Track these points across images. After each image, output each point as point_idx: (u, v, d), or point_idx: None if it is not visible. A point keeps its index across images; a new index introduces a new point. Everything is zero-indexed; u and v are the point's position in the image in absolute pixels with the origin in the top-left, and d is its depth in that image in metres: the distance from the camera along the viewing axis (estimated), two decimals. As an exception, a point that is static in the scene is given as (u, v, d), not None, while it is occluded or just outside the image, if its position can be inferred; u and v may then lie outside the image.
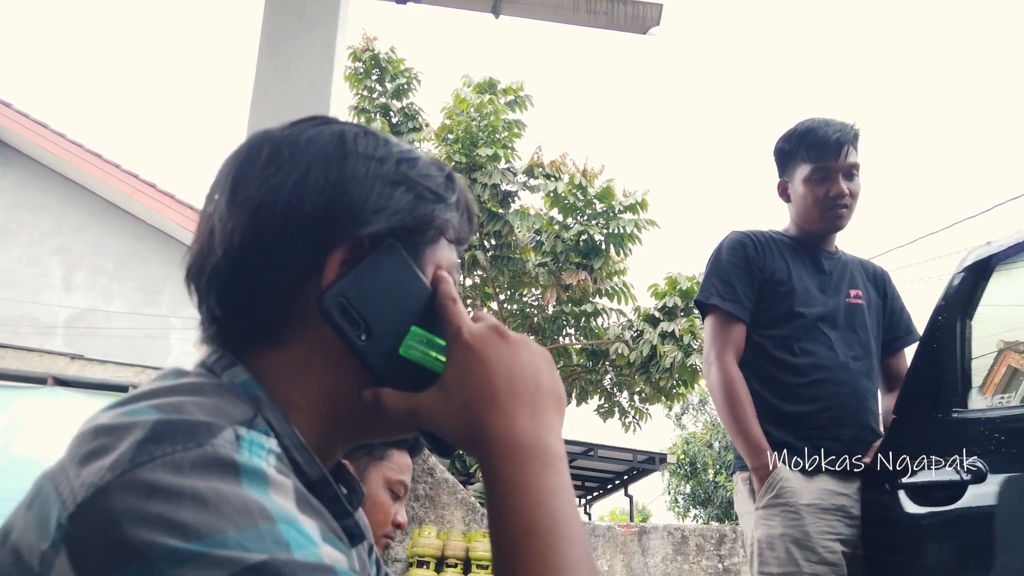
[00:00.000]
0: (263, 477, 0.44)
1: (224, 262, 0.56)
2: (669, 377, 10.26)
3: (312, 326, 0.56)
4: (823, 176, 1.85)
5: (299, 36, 1.88)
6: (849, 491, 1.73)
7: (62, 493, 0.43)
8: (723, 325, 1.83)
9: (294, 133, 0.60)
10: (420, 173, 0.61)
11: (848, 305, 1.87)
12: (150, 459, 0.42)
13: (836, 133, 1.84)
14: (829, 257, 1.93)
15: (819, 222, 1.89)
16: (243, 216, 0.56)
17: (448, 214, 0.61)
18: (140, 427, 0.44)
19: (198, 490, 0.41)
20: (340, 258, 0.56)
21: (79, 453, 0.45)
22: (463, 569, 7.42)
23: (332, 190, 0.56)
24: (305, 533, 0.43)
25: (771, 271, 1.85)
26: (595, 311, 10.87)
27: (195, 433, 0.44)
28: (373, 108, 11.19)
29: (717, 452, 22.99)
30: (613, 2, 3.20)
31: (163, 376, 0.55)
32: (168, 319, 8.70)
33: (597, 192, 10.31)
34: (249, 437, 0.47)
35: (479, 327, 0.57)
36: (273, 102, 1.85)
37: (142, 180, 8.84)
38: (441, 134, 10.75)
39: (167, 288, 8.84)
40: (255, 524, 0.41)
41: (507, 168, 10.54)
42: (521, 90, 10.77)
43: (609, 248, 10.37)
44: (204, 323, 0.59)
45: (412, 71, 11.32)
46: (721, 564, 10.26)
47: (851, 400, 1.78)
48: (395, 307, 0.57)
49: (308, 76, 1.84)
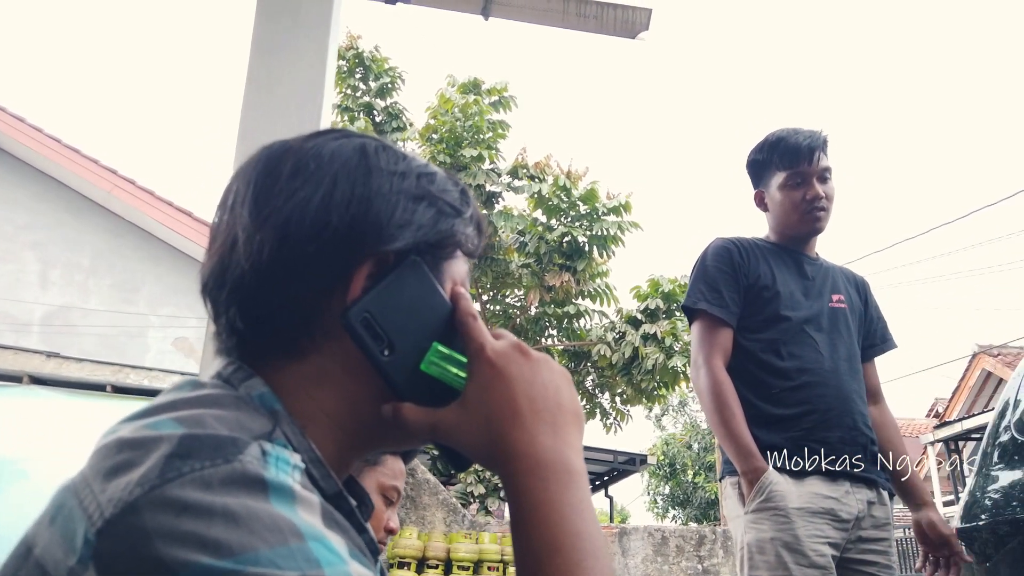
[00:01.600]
0: (291, 494, 0.44)
1: (250, 275, 0.55)
2: (651, 379, 10.32)
3: (334, 340, 0.56)
4: (798, 181, 1.89)
5: (292, 37, 1.85)
6: (838, 494, 1.73)
7: (87, 508, 0.42)
8: (710, 330, 1.84)
9: (317, 146, 0.59)
10: (439, 188, 0.61)
11: (832, 309, 1.89)
12: (179, 475, 0.42)
13: (807, 139, 1.89)
14: (812, 263, 1.96)
15: (799, 225, 1.92)
16: (271, 229, 0.55)
17: (465, 228, 0.62)
18: (166, 441, 0.44)
19: (229, 507, 0.41)
20: (365, 273, 0.56)
21: (103, 467, 0.44)
22: (444, 570, 7.40)
23: (359, 205, 0.56)
24: (334, 550, 0.43)
25: (756, 276, 1.87)
26: (578, 312, 10.91)
27: (222, 448, 0.44)
28: (356, 107, 11.14)
29: (696, 453, 23.15)
30: (603, 6, 3.21)
31: (179, 388, 0.54)
32: (146, 317, 8.60)
33: (581, 194, 10.34)
34: (275, 453, 0.47)
35: (501, 345, 0.57)
36: (265, 104, 1.82)
37: (120, 176, 8.72)
38: (425, 134, 10.73)
39: (145, 286, 8.73)
40: (286, 541, 0.41)
41: (491, 169, 10.54)
42: (506, 91, 10.78)
43: (592, 250, 10.41)
44: (222, 335, 0.59)
45: (396, 70, 11.28)
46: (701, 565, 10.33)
47: (838, 402, 1.78)
48: (417, 323, 0.58)
49: (301, 78, 1.82)
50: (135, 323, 8.48)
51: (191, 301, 8.72)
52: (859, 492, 1.76)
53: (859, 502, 1.75)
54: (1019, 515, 2.15)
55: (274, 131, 1.87)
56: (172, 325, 8.64)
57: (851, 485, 1.76)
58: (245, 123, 1.79)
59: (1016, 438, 2.34)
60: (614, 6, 3.14)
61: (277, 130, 1.89)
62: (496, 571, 7.62)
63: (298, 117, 1.79)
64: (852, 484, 1.76)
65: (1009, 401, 2.54)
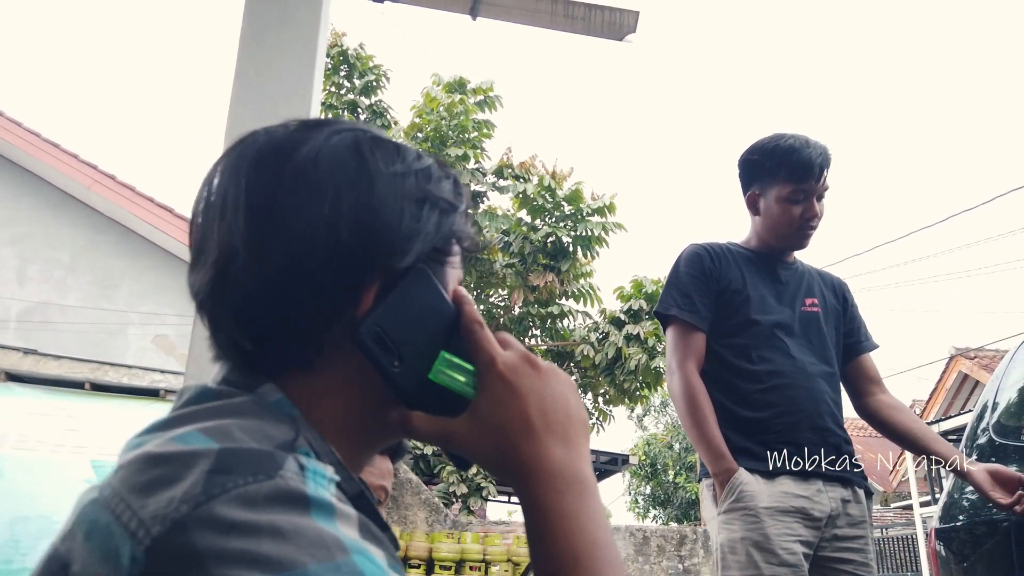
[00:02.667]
0: (331, 509, 0.45)
1: (257, 294, 0.54)
2: (633, 379, 10.36)
3: (342, 352, 0.55)
4: (801, 198, 1.89)
5: (280, 33, 1.84)
6: (809, 493, 1.75)
7: (128, 525, 0.42)
8: (683, 335, 1.87)
9: (311, 149, 0.56)
10: (436, 185, 0.60)
11: (804, 313, 1.92)
12: (223, 491, 0.42)
13: (819, 157, 1.89)
14: (787, 268, 1.98)
15: (788, 240, 1.94)
16: (279, 249, 0.54)
17: (463, 225, 0.62)
18: (204, 457, 0.44)
19: (276, 524, 0.42)
20: (376, 286, 0.56)
21: (137, 482, 0.44)
22: (426, 570, 7.38)
23: (367, 220, 0.55)
24: (377, 563, 0.44)
25: (727, 281, 1.90)
26: (561, 313, 10.92)
27: (262, 464, 0.45)
28: (341, 104, 11.08)
29: (677, 454, 23.27)
30: (590, 8, 3.21)
31: (193, 396, 0.54)
32: (126, 314, 8.50)
33: (566, 194, 10.36)
34: (311, 467, 0.47)
35: (512, 358, 0.58)
36: (254, 100, 1.80)
37: (100, 171, 8.60)
38: (410, 133, 10.70)
39: (125, 282, 8.63)
40: (332, 557, 0.42)
41: (476, 168, 10.53)
42: (491, 90, 10.76)
43: (576, 250, 10.43)
44: (225, 349, 0.57)
45: (381, 68, 11.23)
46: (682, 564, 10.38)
47: (808, 404, 1.81)
48: (424, 331, 0.57)
49: (290, 75, 1.80)
50: (114, 320, 8.38)
51: (171, 298, 8.63)
52: (832, 491, 1.78)
53: (832, 500, 1.77)
54: (996, 516, 2.18)
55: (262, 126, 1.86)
56: (152, 322, 8.55)
57: (823, 484, 1.78)
58: (233, 120, 1.77)
59: (994, 440, 2.38)
60: (602, 8, 3.15)
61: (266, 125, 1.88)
62: (478, 571, 7.62)
63: (287, 113, 1.78)
64: (825, 483, 1.78)
65: (987, 404, 2.58)
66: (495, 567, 7.79)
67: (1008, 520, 2.07)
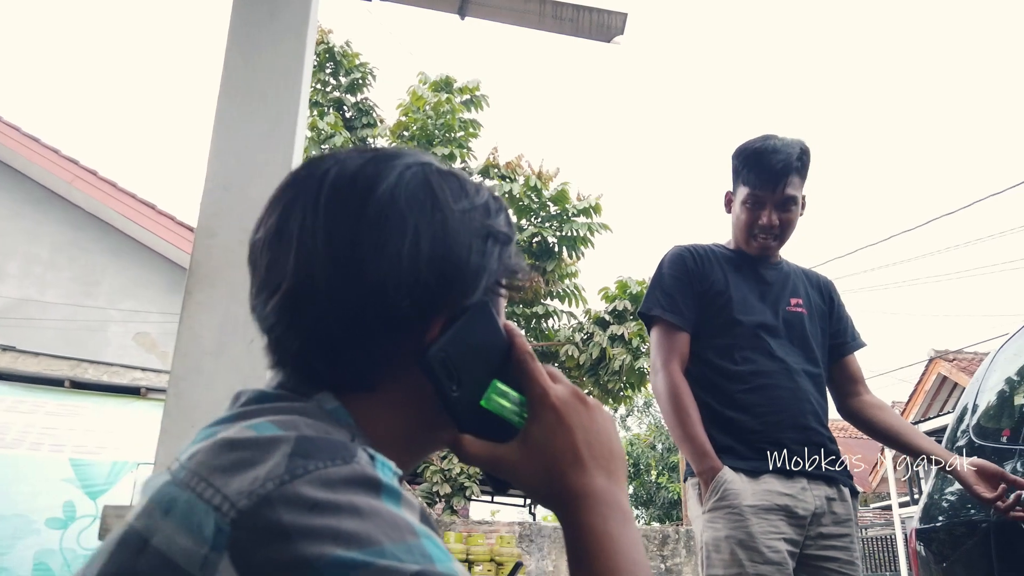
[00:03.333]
0: (398, 495, 0.48)
1: (336, 324, 0.57)
2: (617, 380, 10.40)
3: (403, 374, 0.59)
4: (755, 203, 1.91)
5: (270, 30, 1.82)
6: (794, 491, 1.76)
7: (212, 500, 0.45)
8: (667, 335, 1.89)
9: (389, 185, 0.59)
10: (495, 219, 0.64)
11: (788, 313, 1.92)
12: (305, 471, 0.45)
13: (780, 163, 1.87)
14: (771, 267, 1.98)
15: (745, 245, 1.96)
16: (362, 278, 0.57)
17: (517, 256, 0.66)
18: (284, 442, 0.47)
19: (354, 503, 0.45)
20: (444, 319, 0.60)
21: (218, 463, 0.47)
22: (409, 570, 7.36)
23: (443, 258, 0.58)
24: (442, 548, 0.46)
25: (710, 282, 1.91)
26: (546, 313, 10.94)
27: (339, 450, 0.48)
28: (326, 102, 11.04)
29: (660, 454, 23.38)
30: (579, 9, 3.22)
31: (253, 397, 0.57)
32: (106, 311, 8.41)
33: (551, 195, 10.38)
34: (379, 458, 0.50)
35: (563, 392, 0.62)
36: (242, 96, 1.78)
37: (82, 167, 8.51)
38: (396, 131, 10.67)
39: (106, 279, 8.54)
40: (404, 538, 0.45)
41: (462, 168, 10.50)
42: (478, 89, 10.76)
43: (562, 251, 10.46)
44: (291, 360, 0.59)
45: (367, 66, 11.20)
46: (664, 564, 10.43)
47: (791, 404, 1.82)
48: (481, 360, 0.61)
49: (278, 71, 1.78)
50: (95, 317, 8.30)
51: (153, 295, 8.55)
52: (817, 489, 1.79)
53: (817, 498, 1.77)
54: (974, 517, 2.21)
55: (251, 125, 1.85)
56: (134, 320, 8.46)
57: (808, 482, 1.78)
58: (221, 116, 1.75)
59: (973, 441, 2.41)
60: (590, 10, 3.16)
61: (254, 124, 1.86)
62: (461, 571, 7.60)
63: (276, 110, 1.77)
64: (809, 481, 1.79)
65: (967, 406, 2.62)
66: (478, 567, 7.79)
67: (987, 521, 2.10)
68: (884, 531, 14.96)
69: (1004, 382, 2.49)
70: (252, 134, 1.77)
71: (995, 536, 2.04)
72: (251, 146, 1.75)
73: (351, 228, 0.57)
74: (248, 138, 1.77)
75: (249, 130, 1.77)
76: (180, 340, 1.67)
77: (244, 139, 1.76)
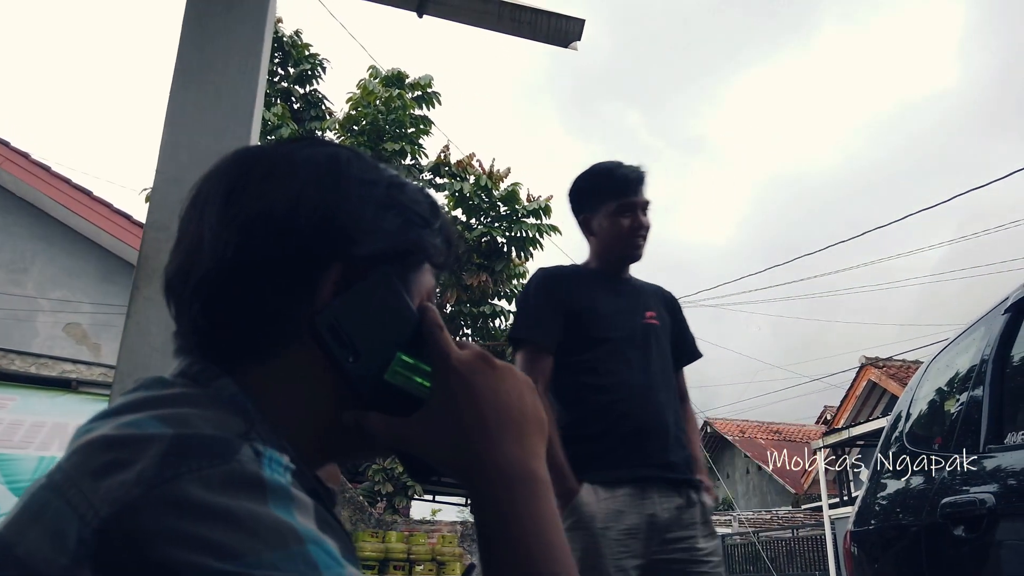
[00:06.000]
0: (288, 496, 0.44)
1: (215, 274, 0.55)
2: (562, 381, 10.45)
3: (299, 344, 0.56)
4: (627, 210, 2.03)
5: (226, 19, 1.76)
6: (646, 503, 1.84)
7: (78, 508, 0.42)
8: (532, 358, 1.95)
9: (289, 151, 0.60)
10: (409, 198, 0.62)
11: (645, 326, 2.03)
12: (177, 474, 0.42)
13: (635, 173, 2.05)
14: (625, 284, 2.10)
15: (623, 251, 2.07)
16: (237, 230, 0.55)
17: (433, 239, 0.63)
18: (159, 441, 0.44)
19: (231, 509, 0.41)
20: (334, 279, 0.56)
21: (90, 466, 0.44)
22: (349, 570, 7.28)
23: (326, 209, 0.57)
24: (332, 553, 0.43)
25: (575, 301, 1.99)
26: (494, 312, 10.94)
27: (218, 449, 0.44)
28: (274, 92, 10.81)
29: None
30: (537, 13, 3.23)
31: (149, 386, 0.54)
32: (35, 300, 8.06)
33: (501, 195, 10.39)
34: (268, 453, 0.46)
35: (467, 355, 0.57)
36: (196, 87, 1.72)
37: (12, 149, 8.13)
38: (346, 124, 10.52)
39: (35, 267, 8.19)
40: (287, 545, 0.41)
41: (413, 164, 10.45)
42: (430, 86, 10.69)
43: (511, 251, 10.48)
44: (184, 334, 0.58)
45: (318, 57, 11.01)
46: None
47: (653, 415, 1.91)
48: (383, 332, 0.58)
49: (234, 61, 1.73)
50: (22, 306, 7.94)
51: (85, 285, 8.23)
52: (668, 501, 1.87)
53: (667, 511, 1.86)
54: (904, 520, 2.31)
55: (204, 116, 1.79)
56: (64, 310, 8.13)
57: (659, 493, 1.87)
58: (173, 108, 1.69)
59: (906, 446, 2.51)
60: (548, 14, 3.17)
61: (208, 115, 1.81)
62: (402, 570, 7.55)
63: (231, 103, 1.72)
64: (660, 492, 1.87)
65: (901, 413, 2.72)
66: (419, 566, 7.75)
67: (917, 524, 2.19)
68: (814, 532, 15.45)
69: (935, 392, 2.60)
70: (206, 127, 1.71)
71: (924, 539, 2.13)
72: (205, 139, 1.69)
73: (241, 184, 0.57)
74: (202, 131, 1.70)
75: (203, 123, 1.71)
76: (127, 336, 1.61)
77: (197, 132, 1.70)
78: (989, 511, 1.82)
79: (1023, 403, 2.05)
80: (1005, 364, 2.13)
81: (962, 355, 2.44)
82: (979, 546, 1.86)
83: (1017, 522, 1.77)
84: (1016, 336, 2.13)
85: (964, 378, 2.33)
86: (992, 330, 2.23)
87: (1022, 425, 1.97)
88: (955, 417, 2.28)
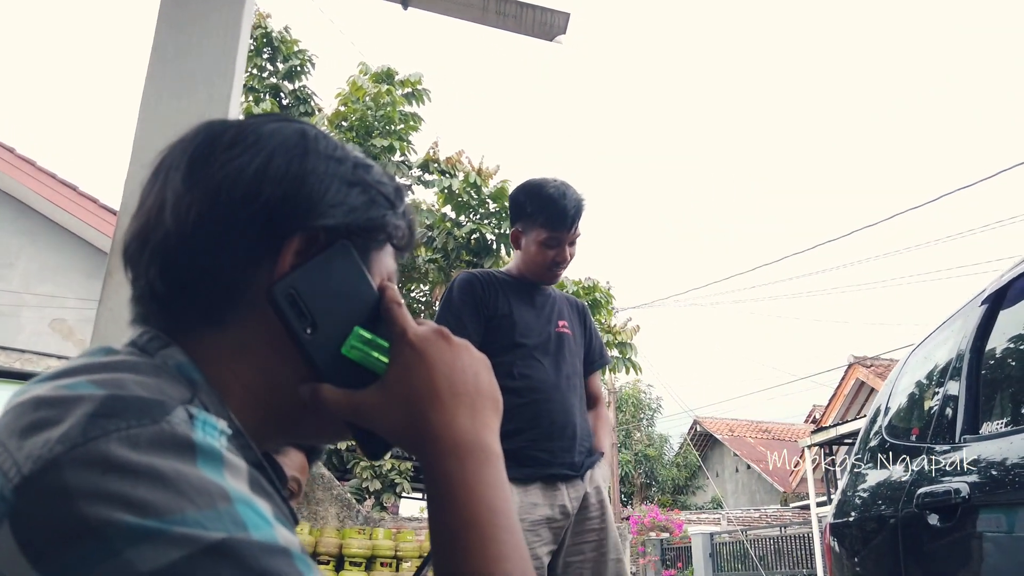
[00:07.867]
0: (219, 457, 0.44)
1: (175, 237, 0.55)
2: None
3: (256, 313, 0.56)
4: (554, 244, 2.13)
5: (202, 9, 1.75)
6: (555, 496, 1.99)
7: (2, 466, 0.41)
8: None
9: (257, 123, 0.60)
10: (374, 179, 0.62)
11: (557, 334, 2.16)
12: (103, 433, 0.41)
13: (573, 208, 2.13)
14: (541, 293, 2.23)
15: (540, 277, 2.20)
16: (201, 193, 0.55)
17: (397, 221, 0.63)
18: (88, 400, 0.43)
19: (156, 467, 0.41)
20: (295, 248, 0.56)
21: (17, 425, 0.43)
22: (335, 566, 7.25)
23: (292, 180, 0.57)
24: (262, 514, 0.43)
25: (495, 307, 2.11)
26: (482, 310, 10.92)
27: (148, 409, 0.44)
28: (263, 88, 10.76)
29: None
30: (522, 6, 3.23)
31: (92, 353, 0.53)
32: (20, 295, 8.01)
33: (491, 192, 10.37)
34: (201, 416, 0.46)
35: (423, 329, 0.58)
36: (172, 79, 1.71)
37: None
38: (335, 121, 10.48)
39: (21, 261, 8.14)
40: (213, 504, 0.41)
41: (402, 161, 10.42)
42: (419, 83, 10.66)
43: (500, 248, 10.45)
44: (140, 300, 0.58)
45: (306, 53, 10.97)
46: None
47: (561, 416, 2.05)
48: (342, 306, 0.58)
49: (211, 53, 1.71)
50: (8, 301, 7.88)
51: (71, 280, 8.18)
52: (575, 491, 2.04)
53: (573, 500, 2.03)
54: (883, 512, 2.32)
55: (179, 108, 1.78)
56: (50, 305, 8.08)
57: (567, 487, 2.03)
58: (148, 98, 1.68)
59: (885, 440, 2.53)
60: (533, 7, 3.17)
61: (183, 107, 1.79)
62: (389, 567, 7.54)
63: (207, 94, 1.70)
64: (568, 485, 2.03)
65: (880, 407, 2.74)
66: (406, 563, 7.73)
67: (895, 516, 2.20)
68: (802, 530, 15.52)
69: (914, 385, 2.62)
70: (182, 112, 1.70)
71: (902, 530, 2.14)
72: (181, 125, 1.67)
73: (208, 152, 0.58)
74: (176, 121, 1.69)
75: (179, 108, 1.70)
76: (99, 320, 1.60)
77: (172, 123, 1.69)
78: (964, 500, 1.83)
79: (999, 394, 2.06)
80: (982, 355, 2.14)
81: (940, 347, 2.45)
82: (954, 535, 1.88)
83: (991, 511, 1.79)
84: (992, 328, 2.14)
85: (942, 370, 2.34)
86: (969, 322, 2.24)
87: (998, 415, 1.98)
88: (932, 408, 2.30)
